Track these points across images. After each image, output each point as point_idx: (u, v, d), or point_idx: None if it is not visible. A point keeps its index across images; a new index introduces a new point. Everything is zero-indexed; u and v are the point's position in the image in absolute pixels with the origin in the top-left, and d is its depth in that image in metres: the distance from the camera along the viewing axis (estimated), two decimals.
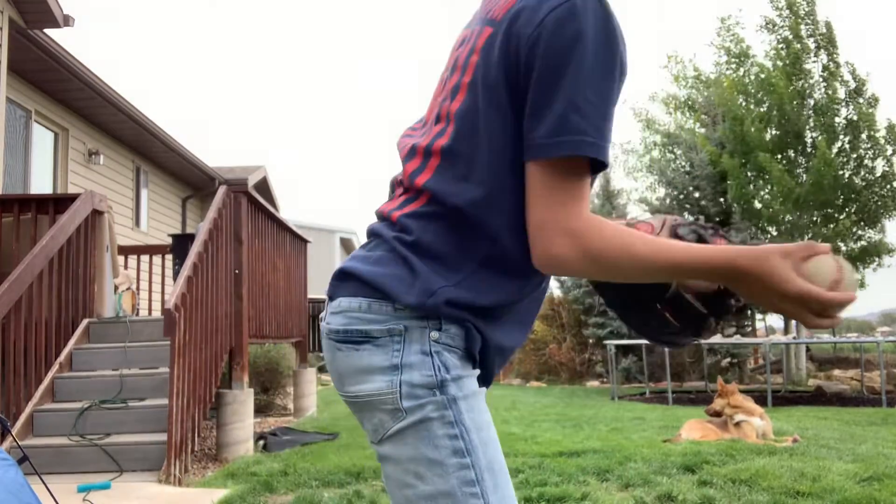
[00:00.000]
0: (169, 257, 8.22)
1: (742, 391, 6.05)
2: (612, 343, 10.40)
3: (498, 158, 0.98)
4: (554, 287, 14.03)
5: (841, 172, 12.06)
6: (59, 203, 5.58)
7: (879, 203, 12.33)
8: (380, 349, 0.99)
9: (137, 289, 7.96)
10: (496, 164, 0.99)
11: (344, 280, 1.06)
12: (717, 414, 5.57)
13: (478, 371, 1.08)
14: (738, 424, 5.36)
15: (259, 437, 5.95)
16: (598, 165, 0.95)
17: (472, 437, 1.01)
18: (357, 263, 1.05)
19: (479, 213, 0.99)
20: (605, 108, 0.95)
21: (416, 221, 1.02)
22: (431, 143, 1.04)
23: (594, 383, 12.30)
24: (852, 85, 12.43)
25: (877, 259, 12.73)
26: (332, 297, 1.09)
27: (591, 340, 12.95)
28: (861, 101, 12.29)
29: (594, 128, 0.92)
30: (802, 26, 12.55)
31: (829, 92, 12.48)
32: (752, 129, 12.23)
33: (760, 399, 7.20)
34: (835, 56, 12.56)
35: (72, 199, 5.56)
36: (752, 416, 5.40)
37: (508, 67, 0.97)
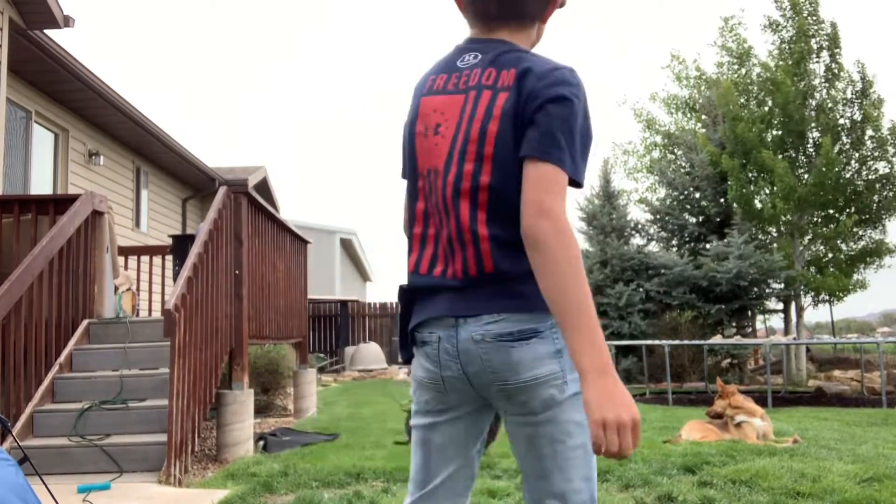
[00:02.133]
0: (169, 258, 8.22)
1: (742, 392, 6.04)
2: (612, 343, 10.39)
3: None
4: None
5: (842, 172, 12.06)
6: (59, 204, 5.58)
7: (881, 203, 12.33)
8: (544, 340, 1.33)
9: (137, 289, 7.96)
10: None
11: None
12: (718, 416, 5.57)
13: None
14: (738, 425, 5.36)
15: (259, 437, 5.95)
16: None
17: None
18: None
19: None
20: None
21: None
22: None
23: None
24: (859, 85, 12.42)
25: (877, 259, 12.73)
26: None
27: None
28: (867, 101, 12.29)
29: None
30: (806, 26, 12.54)
31: (832, 92, 12.48)
32: (751, 132, 12.22)
33: (761, 400, 7.20)
34: (838, 56, 12.55)
35: (72, 199, 5.56)
36: (752, 416, 5.39)
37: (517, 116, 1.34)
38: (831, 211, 12.57)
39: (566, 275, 1.22)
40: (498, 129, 1.33)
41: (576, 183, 1.31)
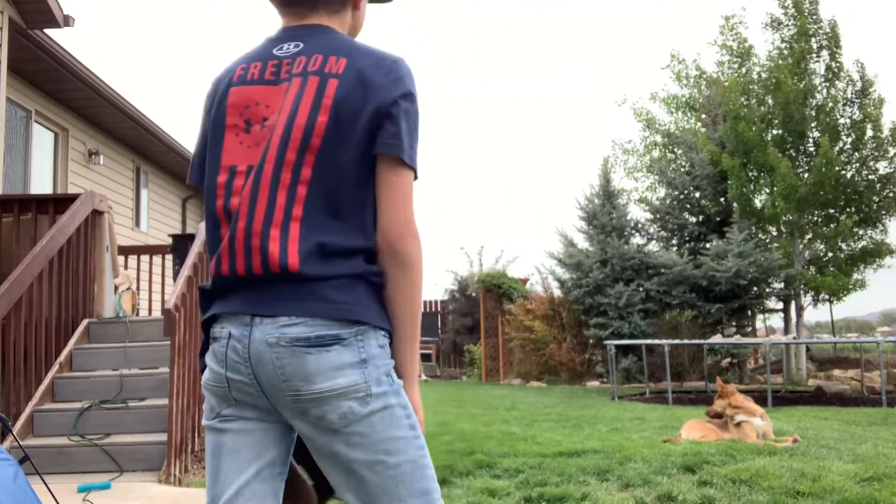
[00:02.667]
0: (169, 257, 8.22)
1: (742, 391, 6.04)
2: (612, 343, 10.39)
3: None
4: (554, 287, 14.04)
5: (843, 172, 12.06)
6: (59, 203, 5.58)
7: (881, 203, 12.32)
8: (348, 349, 1.23)
9: (137, 289, 7.96)
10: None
11: None
12: (718, 415, 5.57)
13: None
14: (738, 425, 5.36)
15: None
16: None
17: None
18: None
19: None
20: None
21: None
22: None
23: (594, 383, 12.29)
24: (859, 85, 12.42)
25: (877, 259, 12.72)
26: None
27: (591, 340, 12.94)
28: (867, 101, 12.28)
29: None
30: (808, 25, 12.54)
31: (833, 91, 12.47)
32: (751, 131, 12.22)
33: (760, 399, 7.20)
34: (837, 56, 12.55)
35: (72, 199, 5.56)
36: (752, 416, 5.39)
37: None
38: (831, 210, 12.57)
39: (419, 293, 1.29)
40: (328, 119, 1.24)
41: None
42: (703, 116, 15.41)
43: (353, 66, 1.27)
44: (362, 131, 1.24)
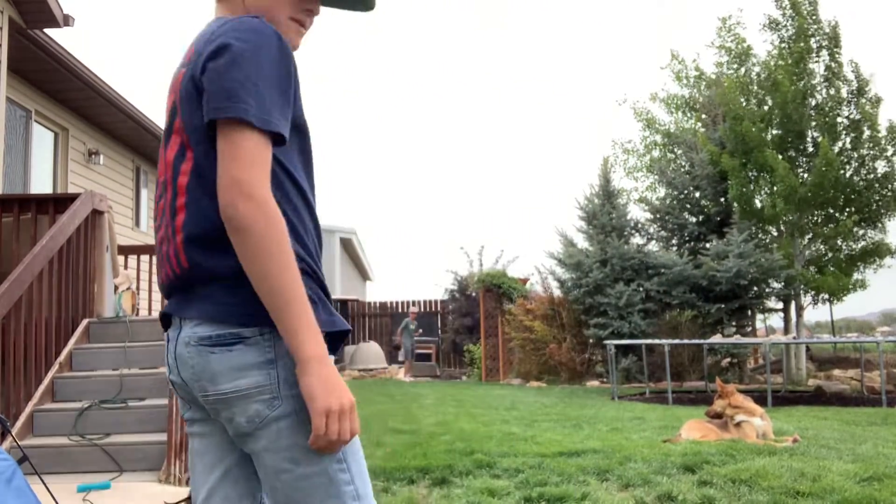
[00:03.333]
0: None
1: (742, 391, 6.04)
2: (612, 343, 10.39)
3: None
4: (554, 287, 14.05)
5: (842, 172, 12.06)
6: (59, 203, 5.58)
7: (880, 203, 12.32)
8: (252, 348, 1.17)
9: (137, 289, 7.95)
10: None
11: None
12: (718, 416, 5.57)
13: None
14: (738, 424, 5.36)
15: None
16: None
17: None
18: None
19: None
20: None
21: None
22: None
23: (594, 383, 12.30)
24: (855, 85, 12.42)
25: (877, 259, 12.73)
26: None
27: (591, 340, 12.94)
28: (864, 100, 12.29)
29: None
30: (806, 25, 12.53)
31: (832, 91, 12.47)
32: (753, 129, 12.22)
33: (760, 399, 7.20)
34: (837, 56, 12.54)
35: (72, 199, 5.56)
36: (752, 416, 5.39)
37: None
38: (831, 210, 12.57)
39: (272, 260, 1.11)
40: (180, 105, 1.22)
41: (275, 135, 1.15)
42: (703, 116, 15.41)
43: (195, 49, 1.23)
44: (197, 107, 1.18)
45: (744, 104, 12.91)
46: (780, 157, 12.08)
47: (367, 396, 10.04)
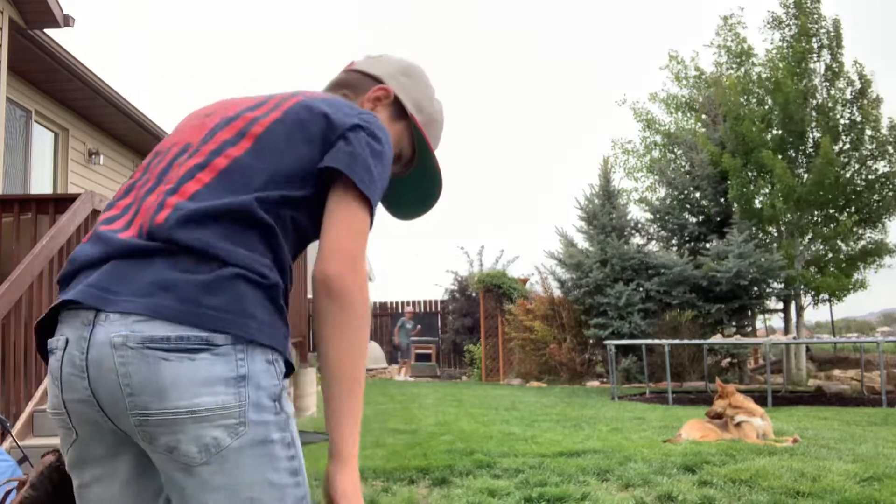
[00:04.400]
0: None
1: (742, 391, 6.04)
2: (612, 343, 10.39)
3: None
4: (554, 287, 14.05)
5: (842, 172, 12.06)
6: (59, 203, 5.57)
7: (881, 203, 12.32)
8: (221, 359, 0.96)
9: None
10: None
11: None
12: (718, 416, 5.57)
13: None
14: (738, 425, 5.36)
15: None
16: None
17: (300, 455, 1.05)
18: None
19: None
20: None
21: None
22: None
23: (594, 383, 12.30)
24: (858, 85, 12.42)
25: (877, 259, 12.73)
26: None
27: (591, 340, 12.95)
28: (865, 101, 12.29)
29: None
30: (809, 24, 12.53)
31: (833, 91, 12.47)
32: (753, 129, 12.22)
33: (760, 399, 7.20)
34: (839, 55, 12.54)
35: (72, 199, 5.56)
36: (752, 416, 5.39)
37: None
38: (831, 210, 12.58)
39: (359, 341, 1.04)
40: (277, 117, 1.21)
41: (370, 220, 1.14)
42: (703, 116, 15.41)
43: (325, 107, 1.20)
44: (301, 138, 1.14)
45: (744, 104, 12.91)
46: (780, 157, 12.08)
47: (368, 396, 10.03)
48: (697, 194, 13.91)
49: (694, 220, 13.89)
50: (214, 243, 1.00)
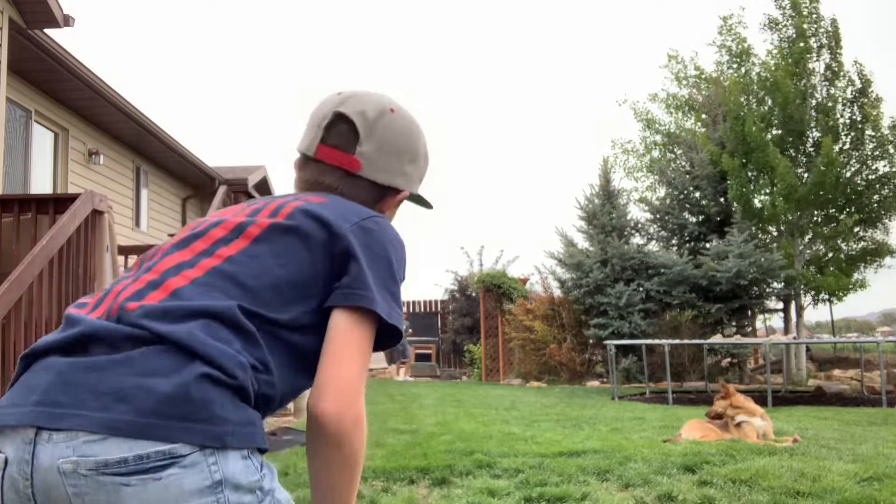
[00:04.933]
0: None
1: (742, 391, 6.05)
2: (612, 343, 10.39)
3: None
4: (554, 287, 14.05)
5: (843, 172, 12.06)
6: (59, 203, 5.58)
7: (881, 203, 12.33)
8: (190, 470, 0.85)
9: None
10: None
11: None
12: (719, 416, 5.57)
13: None
14: (738, 425, 5.36)
15: None
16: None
17: None
18: None
19: None
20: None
21: None
22: None
23: (594, 383, 12.30)
24: (858, 84, 12.42)
25: (878, 259, 12.73)
26: None
27: (591, 340, 12.95)
28: (865, 100, 12.29)
29: None
30: (806, 24, 12.54)
31: (833, 91, 12.47)
32: (753, 129, 12.22)
33: (760, 399, 7.20)
34: (838, 55, 12.54)
35: (72, 199, 5.56)
36: (753, 416, 5.40)
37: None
38: (831, 210, 12.58)
39: (351, 476, 0.99)
40: (277, 224, 1.13)
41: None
42: (703, 116, 15.41)
43: (328, 213, 1.10)
44: (302, 247, 1.05)
45: (744, 104, 12.92)
46: (782, 155, 12.08)
47: (368, 396, 10.00)
48: (697, 194, 13.91)
49: (694, 219, 13.90)
50: (186, 335, 0.90)
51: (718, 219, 13.51)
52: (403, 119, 1.22)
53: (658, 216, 14.08)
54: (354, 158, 1.17)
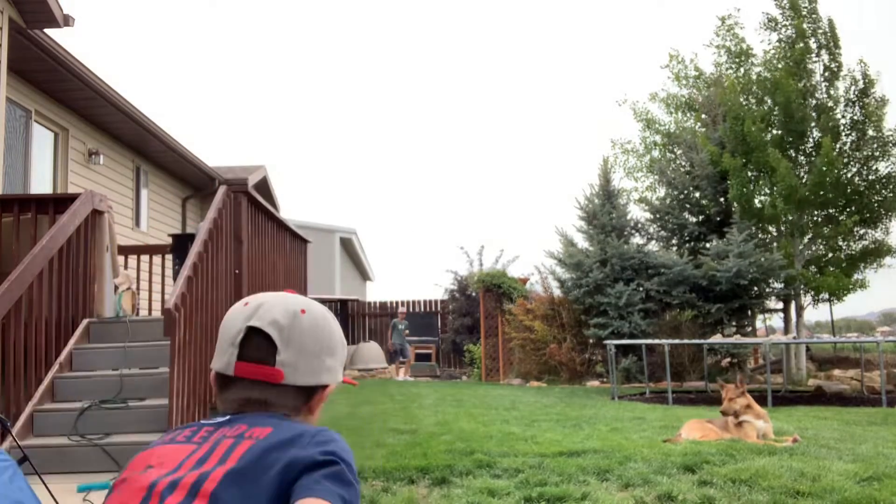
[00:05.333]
0: (169, 257, 8.22)
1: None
2: (612, 343, 10.39)
3: None
4: (554, 287, 14.05)
5: (843, 172, 12.06)
6: (59, 203, 5.58)
7: (882, 203, 12.32)
8: None
9: (137, 289, 7.95)
10: None
11: None
12: (735, 414, 5.53)
13: None
14: (740, 424, 5.36)
15: None
16: None
17: None
18: None
19: None
20: None
21: None
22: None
23: (594, 383, 12.30)
24: (861, 84, 12.41)
25: (878, 259, 12.73)
26: None
27: (591, 340, 12.95)
28: (868, 100, 12.28)
29: None
30: (805, 24, 12.54)
31: (833, 91, 12.47)
32: (753, 129, 12.22)
33: (760, 399, 7.19)
34: (837, 55, 12.54)
35: (72, 199, 5.56)
36: (757, 418, 5.41)
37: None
38: (832, 210, 12.57)
39: None
40: (227, 472, 1.07)
41: None
42: (703, 116, 15.42)
43: (269, 442, 1.07)
44: (254, 486, 1.02)
45: (744, 104, 12.92)
46: (782, 155, 12.08)
47: (368, 396, 10.03)
48: (697, 194, 13.91)
49: (694, 219, 13.90)
50: None
51: (718, 219, 13.51)
52: (315, 317, 1.19)
53: (658, 216, 14.08)
54: (276, 370, 1.14)
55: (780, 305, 13.42)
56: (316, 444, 1.05)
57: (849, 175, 12.23)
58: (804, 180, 12.08)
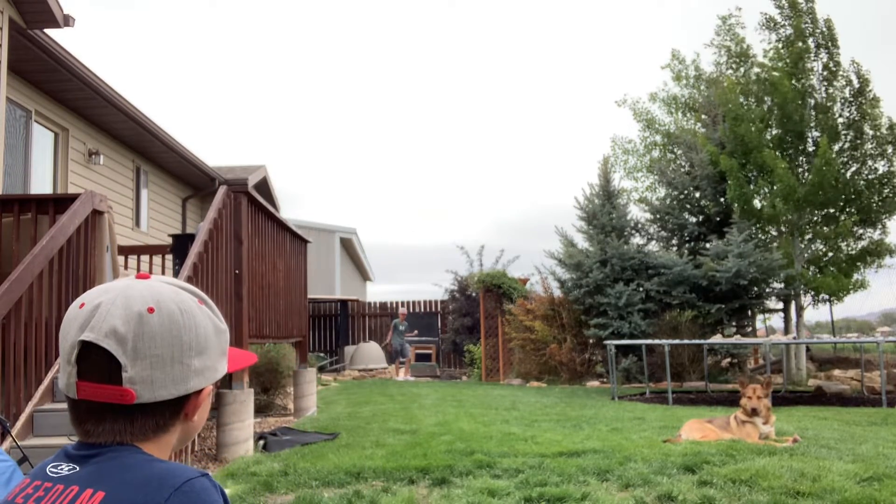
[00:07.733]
0: (169, 257, 8.23)
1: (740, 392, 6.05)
2: (612, 343, 10.39)
3: None
4: (554, 287, 14.05)
5: (842, 172, 12.06)
6: (59, 203, 5.58)
7: (881, 203, 12.32)
8: None
9: None
10: None
11: None
12: (756, 412, 5.49)
13: None
14: (742, 424, 5.36)
15: (259, 437, 5.94)
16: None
17: None
18: None
19: None
20: None
21: None
22: None
23: (594, 383, 12.29)
24: (856, 84, 12.42)
25: (877, 259, 12.73)
26: None
27: (591, 340, 12.95)
28: (863, 99, 12.29)
29: None
30: (804, 24, 12.55)
31: (831, 90, 12.48)
32: (753, 129, 12.22)
33: None
34: (835, 55, 12.55)
35: (72, 199, 5.56)
36: (766, 421, 5.40)
37: None
38: (831, 210, 12.58)
39: None
40: None
41: None
42: (703, 117, 15.42)
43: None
44: None
45: (743, 104, 12.92)
46: (780, 156, 12.08)
47: (368, 396, 10.04)
48: (697, 194, 13.91)
49: (694, 220, 13.90)
50: None
51: (718, 219, 13.51)
52: (169, 313, 0.95)
53: (658, 216, 14.08)
54: (125, 390, 0.93)
55: (780, 305, 13.42)
56: (174, 488, 0.86)
57: (847, 175, 12.24)
58: (804, 180, 12.09)
